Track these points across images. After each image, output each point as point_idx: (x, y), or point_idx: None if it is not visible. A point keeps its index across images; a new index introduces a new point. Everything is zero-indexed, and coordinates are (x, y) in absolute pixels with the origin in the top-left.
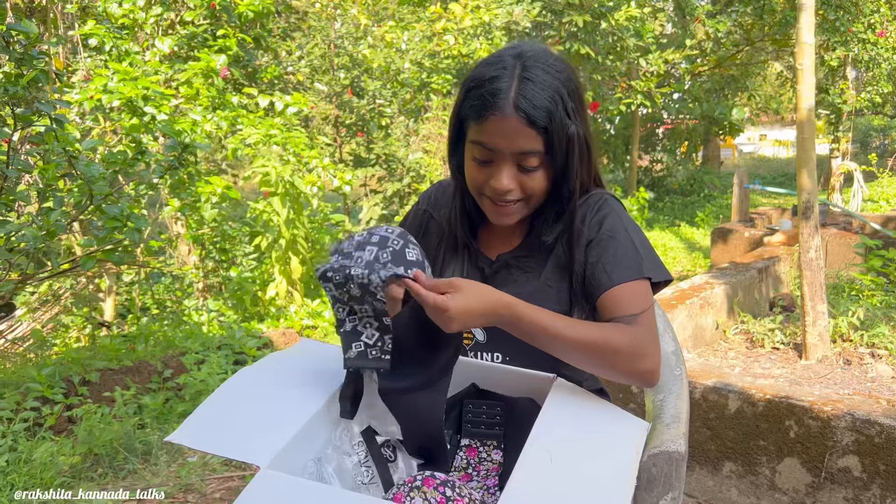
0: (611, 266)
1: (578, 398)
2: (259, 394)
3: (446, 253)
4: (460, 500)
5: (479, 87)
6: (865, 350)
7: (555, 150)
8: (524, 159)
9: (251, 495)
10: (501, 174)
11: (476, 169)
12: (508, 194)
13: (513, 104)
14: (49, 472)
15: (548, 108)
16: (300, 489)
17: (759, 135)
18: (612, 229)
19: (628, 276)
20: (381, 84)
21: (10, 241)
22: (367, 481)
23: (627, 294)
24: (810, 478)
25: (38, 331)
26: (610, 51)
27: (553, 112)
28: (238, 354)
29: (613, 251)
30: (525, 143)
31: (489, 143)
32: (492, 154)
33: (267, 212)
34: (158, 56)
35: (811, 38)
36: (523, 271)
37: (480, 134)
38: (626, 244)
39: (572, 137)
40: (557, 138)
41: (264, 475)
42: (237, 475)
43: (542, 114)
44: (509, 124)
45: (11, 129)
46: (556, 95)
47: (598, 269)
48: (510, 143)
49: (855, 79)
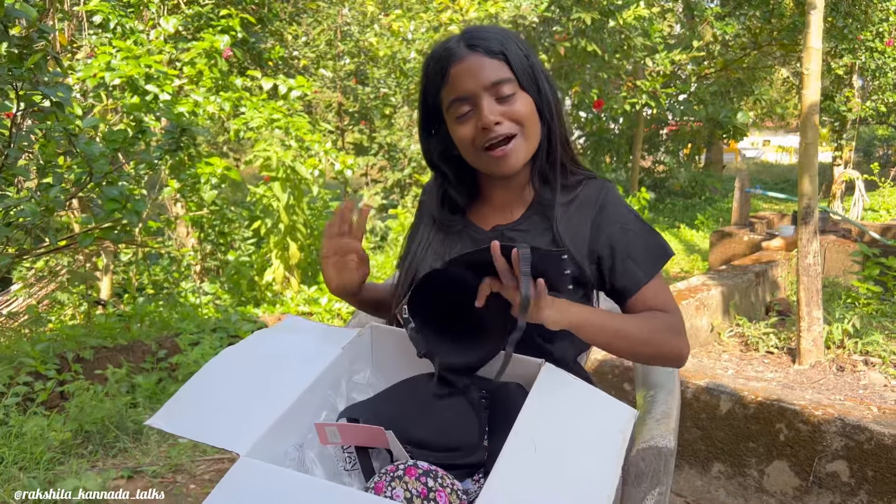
0: (642, 260)
1: (566, 383)
2: (242, 375)
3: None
4: (442, 490)
5: (432, 58)
6: (859, 357)
7: (521, 73)
8: (499, 89)
9: (229, 484)
10: (483, 111)
11: (462, 126)
12: (497, 128)
13: (465, 46)
14: (39, 448)
15: (500, 39)
16: (279, 478)
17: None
18: (626, 220)
19: (657, 267)
20: (386, 73)
21: (8, 216)
22: (349, 468)
23: (657, 285)
24: (798, 481)
25: (33, 306)
26: (617, 49)
27: (505, 42)
28: (233, 337)
29: (639, 243)
30: (492, 73)
31: (460, 90)
32: (467, 102)
33: (267, 197)
34: (163, 35)
35: (819, 44)
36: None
37: (451, 90)
38: (644, 234)
39: (535, 65)
40: (519, 62)
41: (243, 463)
42: (227, 457)
43: (495, 44)
44: (469, 63)
45: (15, 106)
46: (504, 36)
47: (628, 264)
48: (478, 80)
49: (861, 87)
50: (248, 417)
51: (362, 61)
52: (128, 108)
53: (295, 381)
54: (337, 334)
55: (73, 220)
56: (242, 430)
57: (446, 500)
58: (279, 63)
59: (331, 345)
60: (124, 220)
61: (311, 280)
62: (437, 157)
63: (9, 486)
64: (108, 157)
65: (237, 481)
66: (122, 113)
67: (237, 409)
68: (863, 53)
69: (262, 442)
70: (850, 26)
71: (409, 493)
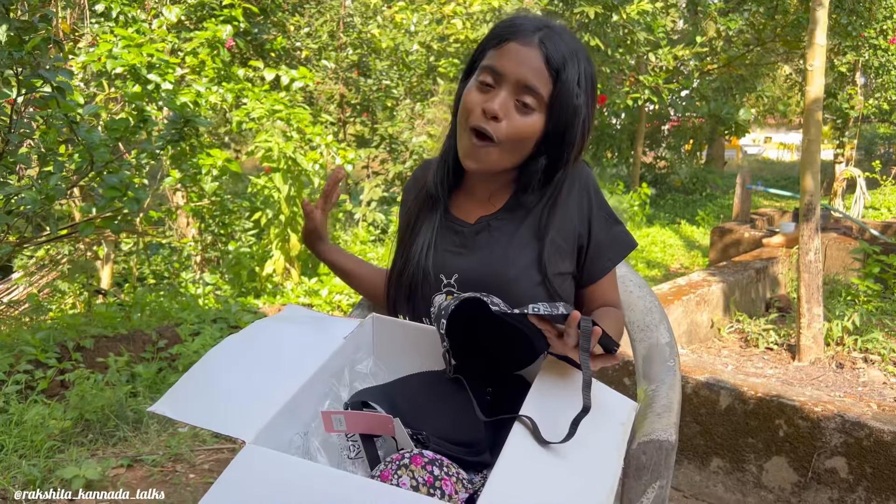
0: (610, 248)
1: (568, 376)
2: (246, 363)
3: (420, 213)
4: (448, 479)
5: (506, 25)
6: (858, 355)
7: (555, 102)
8: (525, 95)
9: (236, 470)
10: (497, 96)
11: (475, 91)
12: (492, 123)
13: (537, 38)
14: (40, 436)
15: (565, 58)
16: (285, 465)
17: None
18: (605, 208)
19: (622, 257)
20: (388, 65)
21: (9, 204)
22: (354, 456)
23: (613, 276)
24: (797, 477)
25: (34, 295)
26: (620, 44)
27: (569, 65)
28: (233, 328)
29: (610, 232)
30: (532, 77)
31: (498, 64)
32: (497, 78)
33: (268, 188)
34: (165, 25)
35: (823, 40)
36: (502, 233)
37: (494, 58)
38: (614, 222)
39: (578, 109)
40: (564, 96)
41: (249, 450)
42: (227, 447)
43: (559, 58)
44: (526, 52)
45: (15, 92)
46: (576, 59)
47: (600, 251)
48: (518, 69)
49: (864, 85)
50: (253, 405)
51: (365, 53)
52: (129, 98)
53: (298, 370)
54: (338, 324)
55: (74, 209)
56: (247, 417)
57: (452, 488)
58: (281, 54)
59: (332, 334)
60: (125, 208)
61: (311, 271)
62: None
63: (9, 474)
64: (110, 146)
65: (244, 468)
66: (124, 102)
67: (241, 396)
68: (866, 51)
69: (268, 429)
70: (854, 23)
71: (415, 482)
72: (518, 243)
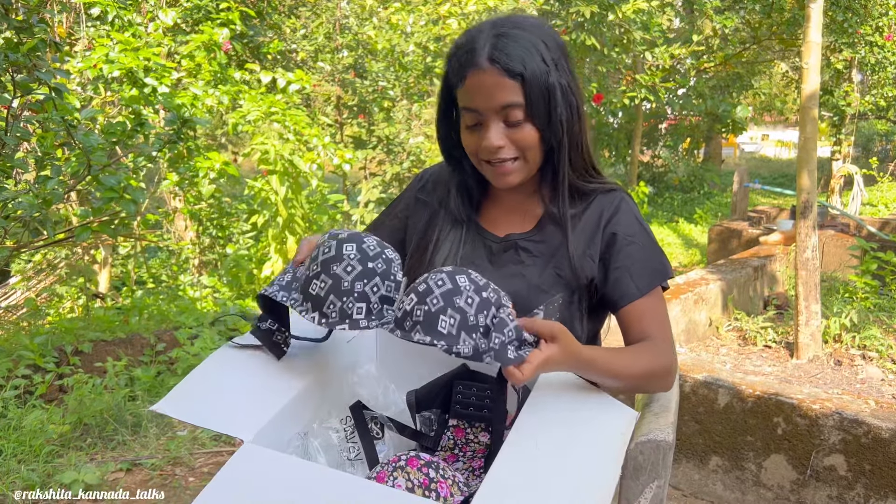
0: (637, 274)
1: (568, 384)
2: (247, 365)
3: (442, 229)
4: (443, 481)
5: (457, 51)
6: (857, 352)
7: (535, 100)
8: (508, 114)
9: (233, 469)
10: (489, 133)
11: (469, 135)
12: (500, 152)
13: (487, 57)
14: (38, 440)
15: (522, 56)
16: (282, 464)
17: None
18: (632, 231)
19: (652, 285)
20: (384, 66)
21: (6, 209)
22: (353, 457)
23: (651, 305)
24: (796, 475)
25: (32, 299)
26: (616, 43)
27: (527, 59)
28: (232, 331)
29: (638, 257)
30: (504, 96)
31: (472, 104)
32: (479, 116)
33: (265, 190)
34: (161, 28)
35: (818, 37)
36: (532, 255)
37: (464, 97)
38: (647, 249)
39: (553, 87)
40: (537, 87)
41: (247, 449)
42: (226, 450)
43: (517, 63)
44: (487, 77)
45: (11, 95)
46: (532, 47)
47: (622, 274)
48: (490, 99)
49: (860, 82)
50: (253, 406)
51: (361, 54)
52: (126, 101)
53: (300, 371)
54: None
55: (71, 213)
56: (247, 417)
57: (447, 491)
58: (278, 56)
59: (335, 338)
60: (122, 211)
61: None
62: (454, 144)
63: (8, 479)
64: (106, 149)
65: (241, 466)
66: (121, 105)
67: (241, 397)
68: (862, 48)
69: (267, 429)
70: (850, 20)
71: (410, 484)
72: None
